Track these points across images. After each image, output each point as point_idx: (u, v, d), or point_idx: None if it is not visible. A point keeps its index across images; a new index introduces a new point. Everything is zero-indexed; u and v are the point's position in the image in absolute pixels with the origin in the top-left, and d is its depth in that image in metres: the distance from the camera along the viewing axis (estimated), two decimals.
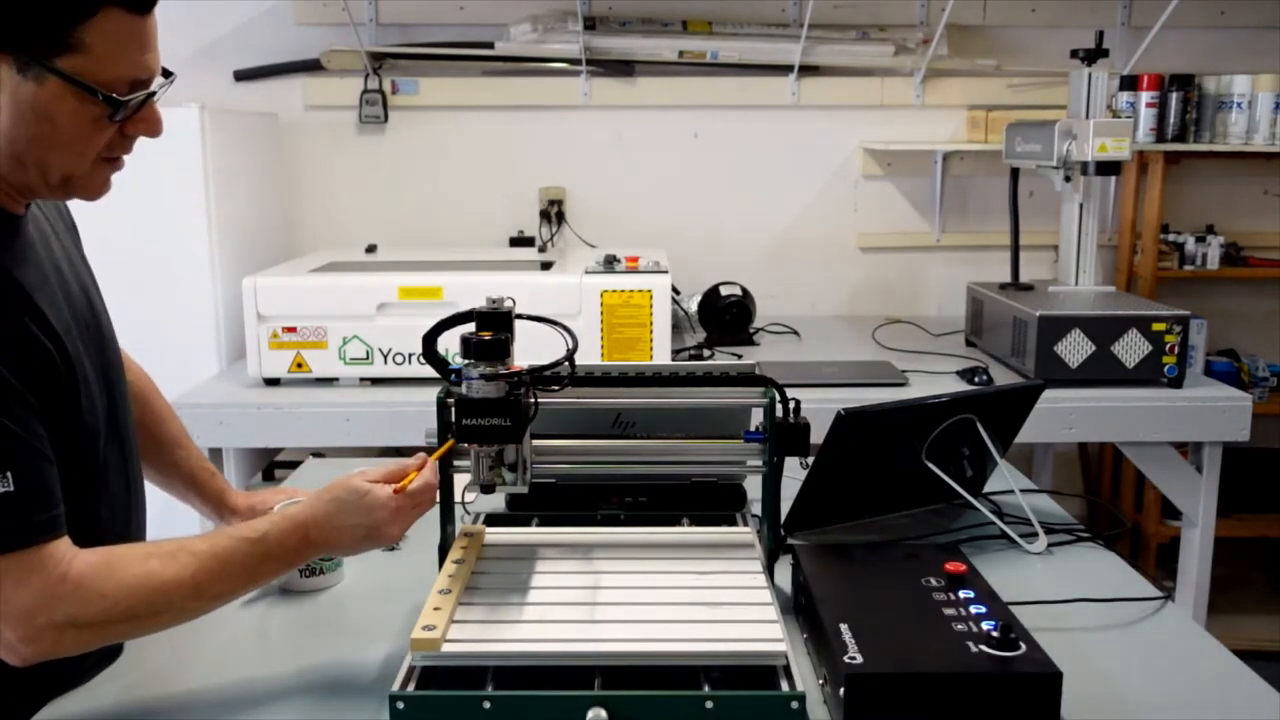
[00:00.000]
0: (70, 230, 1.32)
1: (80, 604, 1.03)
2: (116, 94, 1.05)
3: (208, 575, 1.10)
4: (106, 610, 1.05)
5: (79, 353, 1.14)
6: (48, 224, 1.22)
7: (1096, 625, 1.28)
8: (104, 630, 1.07)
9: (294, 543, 1.16)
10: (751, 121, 3.31)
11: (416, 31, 3.24)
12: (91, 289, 1.27)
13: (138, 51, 1.06)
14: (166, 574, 1.08)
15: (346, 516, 1.18)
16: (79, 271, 1.25)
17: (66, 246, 1.25)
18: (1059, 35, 3.15)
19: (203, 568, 1.10)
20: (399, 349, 2.43)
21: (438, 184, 3.31)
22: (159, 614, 1.09)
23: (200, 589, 1.10)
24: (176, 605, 1.10)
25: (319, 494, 1.20)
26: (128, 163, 1.19)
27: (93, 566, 1.05)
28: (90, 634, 1.06)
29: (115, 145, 1.12)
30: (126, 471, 1.26)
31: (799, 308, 3.33)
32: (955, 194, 3.36)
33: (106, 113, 1.06)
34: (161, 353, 2.50)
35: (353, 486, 1.19)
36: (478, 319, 1.22)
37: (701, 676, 1.05)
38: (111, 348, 1.28)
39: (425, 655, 1.06)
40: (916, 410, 1.54)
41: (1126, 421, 2.40)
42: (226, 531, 1.16)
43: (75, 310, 1.18)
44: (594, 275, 2.44)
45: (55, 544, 1.04)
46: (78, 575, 1.04)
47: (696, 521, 1.46)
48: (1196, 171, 3.31)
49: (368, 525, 1.18)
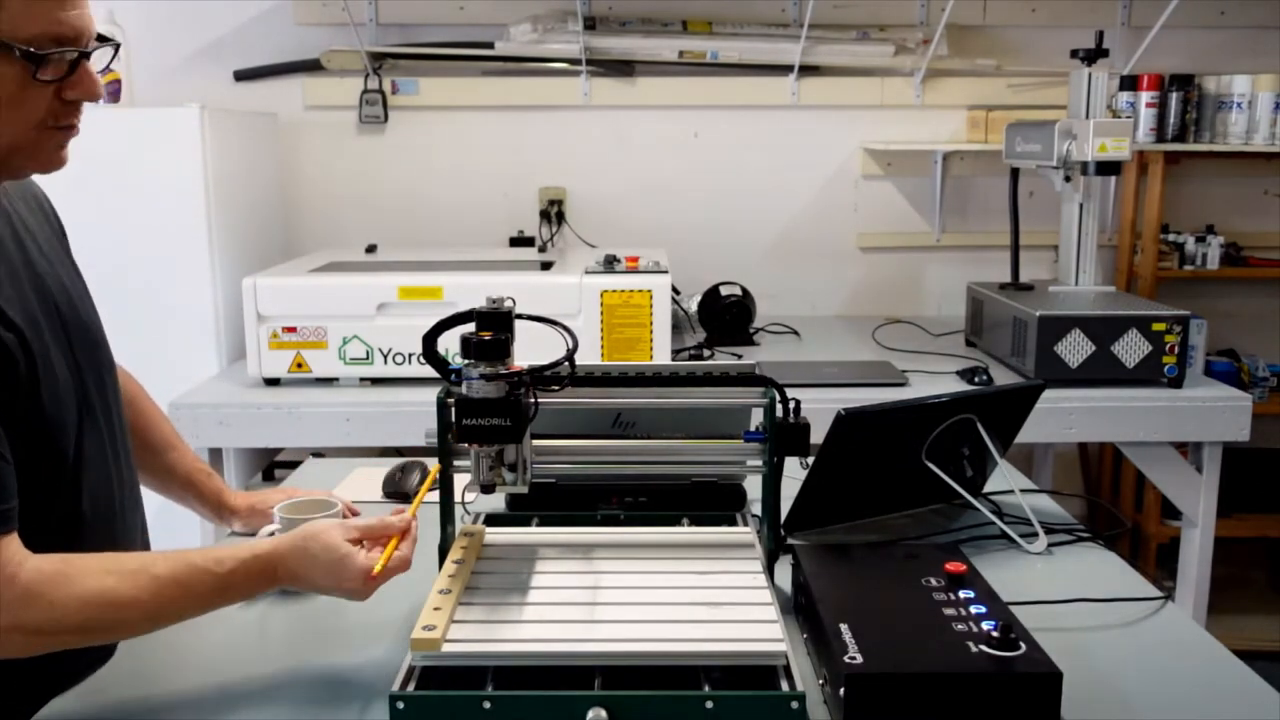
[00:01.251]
0: (56, 234, 1.32)
1: (27, 610, 1.02)
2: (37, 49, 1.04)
3: (164, 601, 1.09)
4: (55, 620, 1.04)
5: (44, 346, 1.14)
6: (19, 222, 1.22)
7: (1096, 625, 1.28)
8: (51, 639, 1.06)
9: (257, 581, 1.15)
10: (751, 121, 3.31)
11: (416, 31, 3.24)
12: (73, 288, 1.27)
13: (57, 7, 1.05)
14: (123, 593, 1.06)
15: (317, 574, 1.15)
16: (58, 271, 1.25)
17: (44, 246, 1.25)
18: (1059, 35, 3.15)
19: (160, 593, 1.08)
20: (399, 349, 2.43)
21: (438, 184, 3.31)
22: (111, 630, 1.11)
23: (155, 614, 1.10)
24: (130, 624, 1.10)
25: (292, 537, 1.16)
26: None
27: (45, 575, 1.04)
28: (36, 640, 1.05)
29: (58, 113, 1.10)
30: (112, 467, 1.26)
31: (799, 308, 3.33)
32: (955, 194, 3.36)
33: (30, 70, 1.04)
34: (161, 353, 2.52)
35: (331, 545, 1.15)
36: (478, 319, 1.22)
37: (701, 676, 1.05)
38: (100, 346, 1.28)
39: (425, 655, 1.06)
40: (916, 410, 1.54)
41: (1126, 421, 2.40)
42: (191, 559, 1.12)
43: (46, 306, 1.18)
44: (594, 275, 2.44)
45: (3, 540, 1.03)
46: (27, 580, 1.02)
47: (696, 521, 1.46)
48: (1196, 171, 3.31)
49: (337, 586, 1.16)
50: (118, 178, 2.54)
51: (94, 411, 1.22)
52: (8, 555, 1.02)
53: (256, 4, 3.20)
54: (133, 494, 1.33)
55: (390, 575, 1.17)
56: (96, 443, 1.22)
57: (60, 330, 1.19)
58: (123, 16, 2.73)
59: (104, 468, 1.24)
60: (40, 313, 1.16)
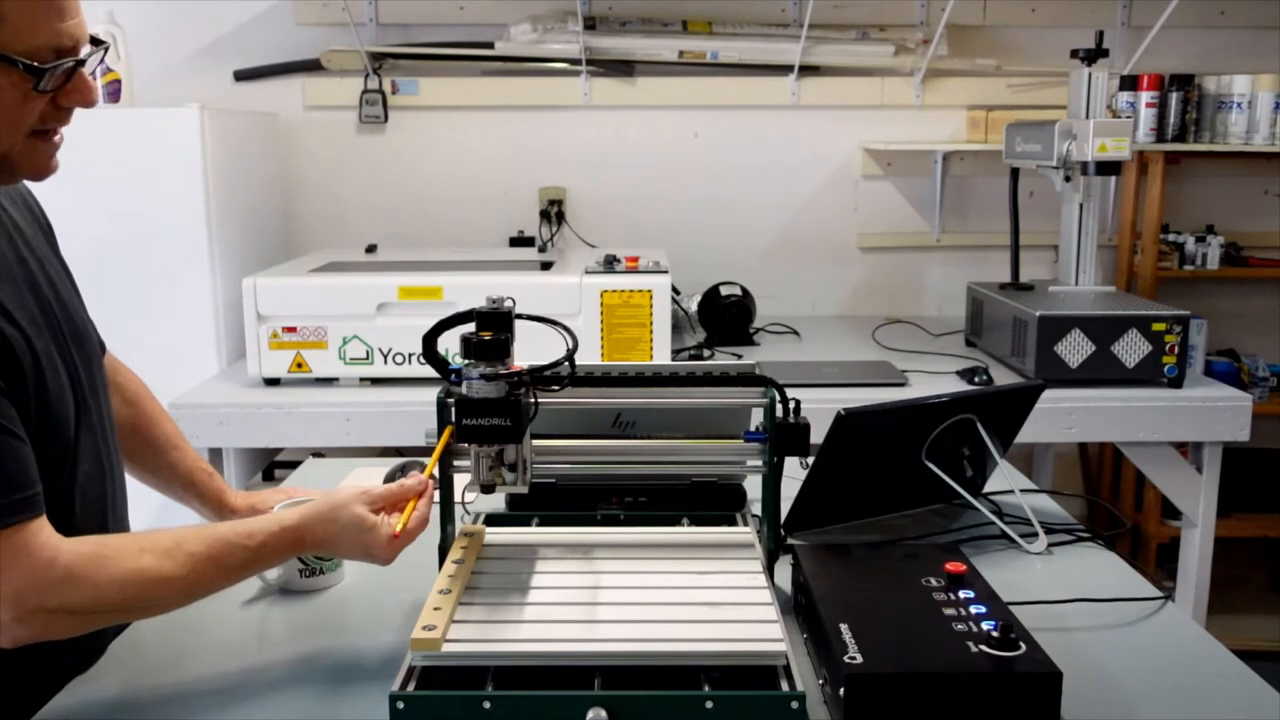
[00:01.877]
0: (43, 231, 1.33)
1: (72, 592, 1.05)
2: (39, 63, 1.04)
3: (200, 576, 1.13)
4: (97, 600, 1.07)
5: (45, 343, 1.16)
6: (8, 219, 1.22)
7: (1096, 625, 1.28)
8: (93, 618, 1.10)
9: (286, 551, 1.21)
10: (751, 121, 3.31)
11: (416, 31, 3.24)
12: (62, 285, 1.28)
13: (57, 19, 1.05)
14: (162, 571, 1.10)
15: (344, 544, 1.21)
16: (47, 268, 1.26)
17: (32, 243, 1.25)
18: (1059, 35, 3.15)
19: (196, 569, 1.12)
20: (399, 349, 2.43)
21: (438, 184, 3.31)
22: (150, 607, 1.14)
23: (191, 589, 1.13)
24: (166, 600, 1.13)
25: (319, 509, 1.21)
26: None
27: (83, 556, 1.07)
28: (80, 620, 1.09)
29: (49, 118, 1.11)
30: (102, 464, 1.27)
31: (799, 308, 3.33)
32: (955, 194, 3.36)
33: (31, 83, 1.05)
34: (161, 353, 2.52)
35: (357, 516, 1.20)
36: (478, 319, 1.22)
37: (701, 676, 1.05)
38: (89, 343, 1.29)
39: (425, 655, 1.06)
40: (916, 410, 1.54)
41: (1126, 421, 2.40)
42: (223, 534, 1.16)
43: (41, 302, 1.19)
44: (594, 275, 2.44)
45: (36, 524, 1.05)
46: (68, 563, 1.05)
47: (696, 522, 1.46)
48: (1196, 171, 3.31)
49: (362, 553, 1.22)
50: (118, 178, 2.54)
51: (87, 405, 1.24)
52: (44, 539, 1.05)
53: (256, 4, 3.20)
54: (120, 484, 1.35)
55: (412, 537, 1.23)
56: (89, 435, 1.24)
57: (54, 326, 1.21)
58: (123, 16, 2.74)
59: (96, 460, 1.25)
60: (36, 309, 1.17)
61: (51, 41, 1.05)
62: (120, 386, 1.48)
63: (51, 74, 1.06)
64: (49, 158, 1.14)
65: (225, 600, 1.34)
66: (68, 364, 1.21)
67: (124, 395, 1.48)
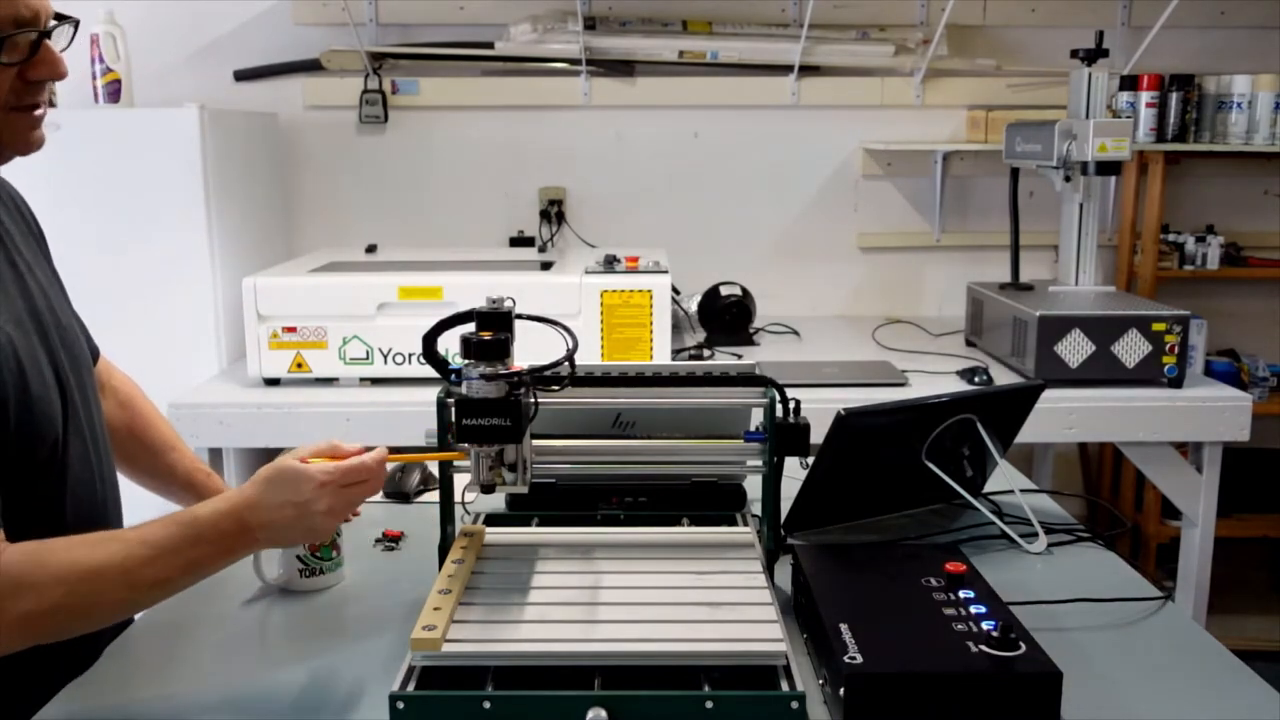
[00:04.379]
0: (34, 236, 1.33)
1: (21, 599, 1.02)
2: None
3: (136, 561, 1.07)
4: (39, 603, 1.03)
5: (31, 348, 1.15)
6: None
7: (1096, 625, 1.28)
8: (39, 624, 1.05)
9: (228, 525, 1.12)
10: (751, 121, 3.31)
11: (416, 31, 3.24)
12: (52, 290, 1.28)
13: None
14: (94, 559, 1.06)
15: (274, 494, 1.13)
16: (37, 273, 1.26)
17: (21, 247, 1.25)
18: (1059, 35, 3.15)
19: (130, 554, 1.07)
20: (399, 349, 2.43)
21: (438, 184, 3.31)
22: (92, 604, 1.07)
23: (130, 575, 1.07)
24: (105, 592, 1.07)
25: (253, 478, 1.16)
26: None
27: (21, 559, 1.04)
28: (29, 629, 1.05)
29: (23, 93, 1.11)
30: (92, 467, 1.26)
31: (799, 308, 3.33)
32: (955, 194, 3.36)
33: None
34: (161, 353, 2.52)
35: (282, 465, 1.15)
36: (478, 319, 1.22)
37: (701, 676, 1.05)
38: (78, 347, 1.29)
39: (425, 655, 1.06)
40: (916, 410, 1.54)
41: (1126, 421, 2.40)
42: (160, 518, 1.12)
43: (30, 307, 1.19)
44: (594, 275, 2.44)
45: None
46: (5, 568, 1.02)
47: (696, 521, 1.46)
48: (1196, 171, 3.31)
49: (295, 502, 1.13)
50: (118, 178, 2.54)
51: (76, 412, 1.23)
52: None
53: (256, 4, 3.20)
54: (114, 493, 1.34)
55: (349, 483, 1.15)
56: (79, 438, 1.23)
57: (43, 332, 1.20)
58: (123, 16, 2.73)
59: (87, 467, 1.25)
60: (25, 314, 1.17)
61: (8, 11, 1.05)
62: (114, 390, 1.48)
63: (11, 44, 1.06)
64: (32, 130, 1.14)
65: (225, 600, 1.34)
66: (56, 367, 1.20)
67: (118, 399, 1.47)
